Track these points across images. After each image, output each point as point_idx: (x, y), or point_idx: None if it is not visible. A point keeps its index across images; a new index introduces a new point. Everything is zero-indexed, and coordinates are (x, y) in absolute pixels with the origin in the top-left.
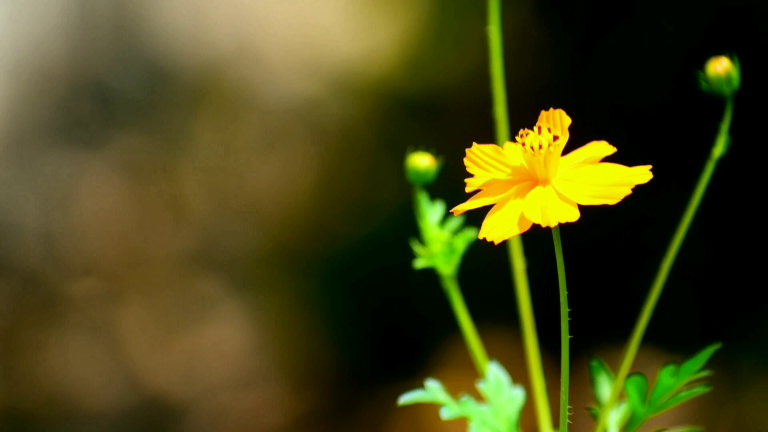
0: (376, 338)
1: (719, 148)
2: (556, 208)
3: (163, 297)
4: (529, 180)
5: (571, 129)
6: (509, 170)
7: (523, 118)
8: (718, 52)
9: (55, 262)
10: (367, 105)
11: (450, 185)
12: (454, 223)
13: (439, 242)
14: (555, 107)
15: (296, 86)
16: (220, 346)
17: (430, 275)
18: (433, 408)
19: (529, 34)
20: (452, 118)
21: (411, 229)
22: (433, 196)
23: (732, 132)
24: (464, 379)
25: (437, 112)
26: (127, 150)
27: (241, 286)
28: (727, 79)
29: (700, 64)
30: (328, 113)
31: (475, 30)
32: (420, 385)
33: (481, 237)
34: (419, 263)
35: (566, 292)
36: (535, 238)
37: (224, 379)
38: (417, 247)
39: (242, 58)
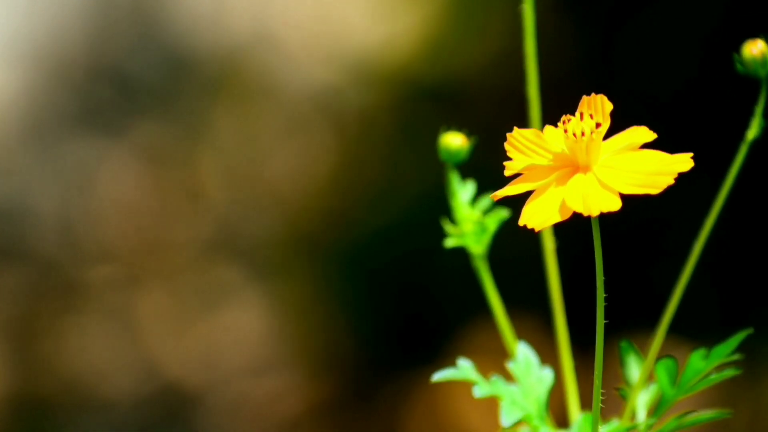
0: (395, 325)
1: (753, 131)
2: (597, 197)
3: (182, 284)
4: (570, 166)
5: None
6: (550, 156)
7: (542, 106)
8: (738, 37)
9: (74, 249)
10: (386, 92)
11: (469, 171)
12: (485, 202)
13: (470, 222)
14: (575, 95)
15: (315, 74)
16: (239, 333)
17: (449, 262)
18: (450, 396)
19: (549, 22)
20: (471, 105)
21: (430, 215)
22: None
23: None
24: (483, 367)
25: (456, 99)
26: (147, 137)
27: (260, 273)
28: (763, 61)
29: (721, 49)
30: (347, 101)
31: (495, 18)
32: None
33: (521, 224)
34: (450, 242)
35: (603, 278)
36: (560, 224)
37: (242, 366)
38: (448, 227)
39: (262, 46)
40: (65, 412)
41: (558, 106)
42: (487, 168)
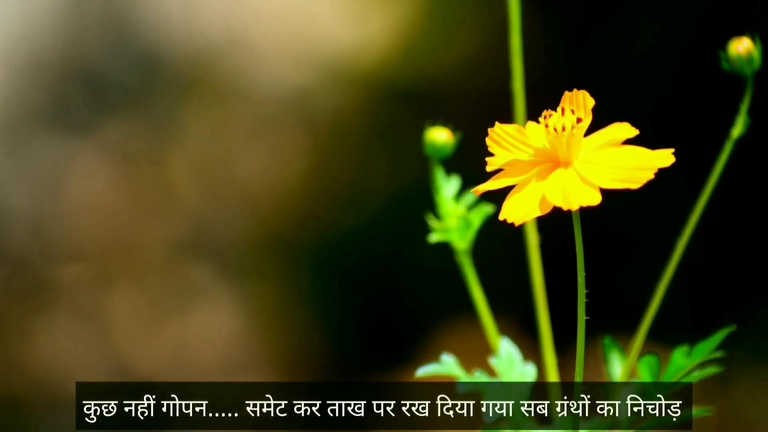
0: (366, 327)
1: (738, 128)
2: (578, 191)
3: (153, 284)
4: (550, 161)
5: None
6: (531, 151)
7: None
8: (717, 35)
9: (45, 248)
10: (359, 94)
11: (446, 170)
12: (469, 198)
13: (454, 217)
14: (549, 93)
15: (288, 75)
16: (209, 334)
17: (422, 264)
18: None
19: (524, 21)
20: (444, 107)
21: (402, 217)
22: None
23: (721, 124)
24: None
25: (429, 101)
26: (118, 137)
27: (231, 274)
28: (749, 59)
29: (701, 46)
30: (320, 103)
31: (468, 20)
32: (411, 373)
33: (501, 218)
34: (434, 237)
35: (584, 273)
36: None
37: (213, 367)
38: (432, 222)
39: (234, 47)
40: (35, 412)
41: (534, 104)
42: (461, 168)
